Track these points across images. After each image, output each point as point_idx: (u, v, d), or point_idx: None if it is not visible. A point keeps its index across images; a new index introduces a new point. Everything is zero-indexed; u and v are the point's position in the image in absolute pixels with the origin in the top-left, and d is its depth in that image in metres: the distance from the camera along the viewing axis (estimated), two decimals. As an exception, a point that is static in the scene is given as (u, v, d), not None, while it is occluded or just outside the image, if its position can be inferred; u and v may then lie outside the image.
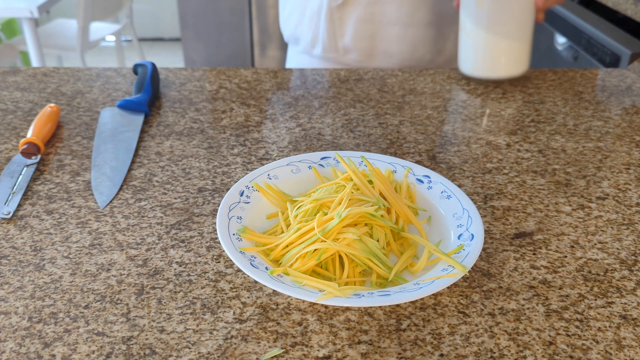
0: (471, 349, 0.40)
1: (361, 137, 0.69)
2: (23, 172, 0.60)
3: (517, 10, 0.78)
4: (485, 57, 0.82)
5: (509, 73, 0.83)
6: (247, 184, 0.53)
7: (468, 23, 0.81)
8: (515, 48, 0.81)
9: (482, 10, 0.78)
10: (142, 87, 0.76)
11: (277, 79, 0.85)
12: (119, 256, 0.49)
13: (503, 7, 0.77)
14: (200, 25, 2.77)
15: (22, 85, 0.82)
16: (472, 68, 0.83)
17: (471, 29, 0.81)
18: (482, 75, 0.82)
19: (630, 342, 0.41)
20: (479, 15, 0.79)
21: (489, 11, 0.78)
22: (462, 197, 0.52)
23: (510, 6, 0.78)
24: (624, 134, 0.71)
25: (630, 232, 0.53)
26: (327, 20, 0.98)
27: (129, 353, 0.40)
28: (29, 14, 2.06)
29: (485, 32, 0.79)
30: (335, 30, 0.98)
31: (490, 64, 0.82)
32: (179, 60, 3.67)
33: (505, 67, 0.82)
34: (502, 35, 0.79)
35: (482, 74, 0.82)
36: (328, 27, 0.98)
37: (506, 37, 0.79)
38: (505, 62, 0.81)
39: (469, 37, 0.81)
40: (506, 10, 0.78)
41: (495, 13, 0.78)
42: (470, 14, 0.80)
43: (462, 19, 0.82)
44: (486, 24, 0.79)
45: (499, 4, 0.77)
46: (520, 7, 0.78)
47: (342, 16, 0.96)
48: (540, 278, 0.47)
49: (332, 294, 0.41)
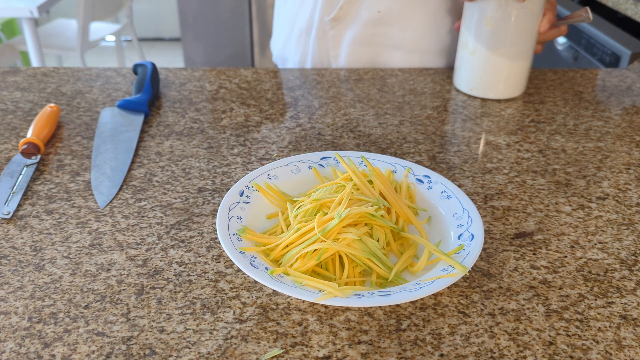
0: (471, 349, 0.40)
1: (361, 137, 0.69)
2: (23, 172, 0.60)
3: (523, 31, 0.75)
4: (485, 77, 0.78)
5: (507, 95, 0.80)
6: (247, 184, 0.53)
7: (471, 40, 0.77)
8: (516, 69, 0.78)
9: (488, 28, 0.75)
10: (142, 87, 0.76)
11: (277, 79, 0.85)
12: (119, 256, 0.49)
13: (510, 26, 0.74)
14: (200, 25, 2.77)
15: (22, 85, 0.82)
16: (470, 87, 0.80)
17: (474, 46, 0.77)
18: (480, 95, 0.80)
19: (630, 342, 0.41)
20: (483, 33, 0.75)
21: (495, 30, 0.74)
22: (462, 197, 0.52)
23: (518, 26, 0.74)
24: (624, 134, 0.71)
25: (630, 232, 0.53)
26: (318, 39, 0.90)
27: (129, 353, 0.40)
28: (29, 14, 2.06)
29: (489, 51, 0.76)
30: (329, 51, 0.90)
31: (490, 85, 0.79)
32: (179, 60, 3.67)
33: (504, 88, 0.79)
34: (506, 55, 0.76)
35: (480, 94, 0.79)
36: (319, 47, 0.90)
37: (509, 58, 0.76)
38: (505, 83, 0.78)
39: (470, 54, 0.78)
40: (513, 30, 0.74)
41: (502, 32, 0.75)
42: (474, 31, 0.76)
43: (463, 35, 0.79)
44: (490, 43, 0.76)
45: (507, 23, 0.74)
46: (527, 28, 0.75)
47: (337, 35, 0.89)
48: (540, 278, 0.47)
49: (332, 294, 0.41)
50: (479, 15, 0.75)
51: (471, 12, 0.77)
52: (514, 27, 0.74)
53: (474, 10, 0.76)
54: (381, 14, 0.86)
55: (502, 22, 0.74)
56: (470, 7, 0.76)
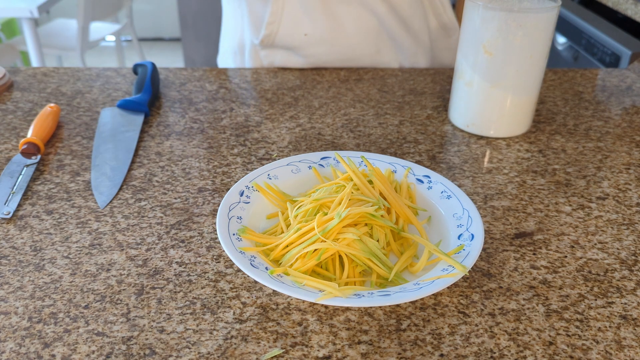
0: (471, 349, 0.40)
1: (361, 137, 0.69)
2: (23, 172, 0.60)
3: (530, 62, 0.64)
4: (484, 113, 0.68)
5: (509, 133, 0.69)
6: (247, 184, 0.53)
7: (468, 71, 0.67)
8: (520, 104, 0.67)
9: (488, 58, 0.64)
10: (142, 87, 0.76)
11: (277, 79, 0.85)
12: (118, 256, 0.49)
13: (516, 56, 0.63)
14: (200, 25, 2.77)
15: (22, 85, 0.82)
16: (467, 123, 0.69)
17: (470, 77, 0.67)
18: (478, 133, 0.69)
19: (630, 342, 0.41)
20: (481, 62, 0.65)
21: (496, 60, 0.64)
22: (462, 197, 0.52)
23: (524, 54, 0.63)
24: (624, 134, 0.71)
25: (630, 232, 0.53)
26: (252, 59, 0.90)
27: (129, 353, 0.40)
28: (29, 14, 2.06)
29: (488, 83, 0.65)
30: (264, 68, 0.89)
31: (490, 121, 0.68)
32: (179, 60, 3.67)
33: (506, 126, 0.68)
34: (508, 89, 0.65)
35: (478, 131, 0.69)
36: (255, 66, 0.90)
37: (512, 92, 0.65)
38: (508, 120, 0.68)
39: (466, 85, 0.68)
40: (519, 59, 0.63)
41: (504, 63, 0.64)
42: (472, 61, 0.66)
43: (459, 62, 0.68)
44: (489, 74, 0.65)
45: (512, 51, 0.63)
46: (535, 58, 0.64)
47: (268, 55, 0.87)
48: (540, 278, 0.47)
49: (332, 294, 0.41)
50: (475, 41, 0.64)
51: (467, 36, 0.66)
52: (521, 53, 0.63)
53: (470, 33, 0.65)
54: (308, 37, 0.84)
55: (503, 50, 0.63)
56: (467, 30, 0.65)
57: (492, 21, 0.62)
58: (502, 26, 0.62)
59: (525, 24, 0.61)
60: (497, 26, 0.62)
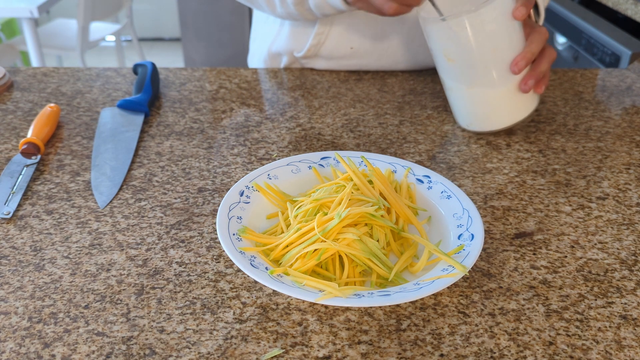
0: (471, 349, 0.40)
1: (361, 137, 0.69)
2: (23, 172, 0.60)
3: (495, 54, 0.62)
4: (474, 112, 0.68)
5: (506, 123, 0.68)
6: (247, 184, 0.53)
7: (446, 80, 0.68)
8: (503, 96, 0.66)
9: (454, 64, 0.64)
10: (142, 87, 0.76)
11: (277, 79, 0.85)
12: (118, 256, 0.49)
13: (477, 55, 0.62)
14: (200, 25, 2.77)
15: (22, 85, 0.82)
16: (468, 123, 0.70)
17: (451, 85, 0.67)
18: (478, 130, 0.69)
19: (630, 342, 0.41)
20: (453, 71, 0.65)
21: (461, 65, 0.64)
22: (462, 197, 0.52)
23: (485, 50, 0.62)
24: (624, 134, 0.71)
25: (630, 232, 0.53)
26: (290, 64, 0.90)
27: (129, 353, 0.40)
28: (29, 14, 2.06)
29: (464, 86, 0.66)
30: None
31: (484, 118, 0.68)
32: (179, 60, 3.67)
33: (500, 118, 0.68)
34: (487, 85, 0.64)
35: (479, 127, 0.69)
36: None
37: (493, 86, 0.64)
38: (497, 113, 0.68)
39: (451, 92, 0.69)
40: (482, 57, 0.62)
41: (469, 65, 0.63)
42: (444, 70, 0.67)
43: (439, 74, 0.69)
44: (461, 79, 0.65)
45: (470, 53, 0.62)
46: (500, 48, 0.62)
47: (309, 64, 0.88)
48: (540, 278, 0.47)
49: (332, 294, 0.41)
50: (436, 52, 0.65)
51: (431, 48, 0.66)
52: (478, 54, 0.62)
53: (431, 46, 0.66)
54: (354, 50, 0.85)
55: (461, 55, 0.63)
56: (430, 43, 0.66)
57: (439, 31, 0.62)
58: (449, 34, 0.61)
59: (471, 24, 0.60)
60: (446, 35, 0.62)
